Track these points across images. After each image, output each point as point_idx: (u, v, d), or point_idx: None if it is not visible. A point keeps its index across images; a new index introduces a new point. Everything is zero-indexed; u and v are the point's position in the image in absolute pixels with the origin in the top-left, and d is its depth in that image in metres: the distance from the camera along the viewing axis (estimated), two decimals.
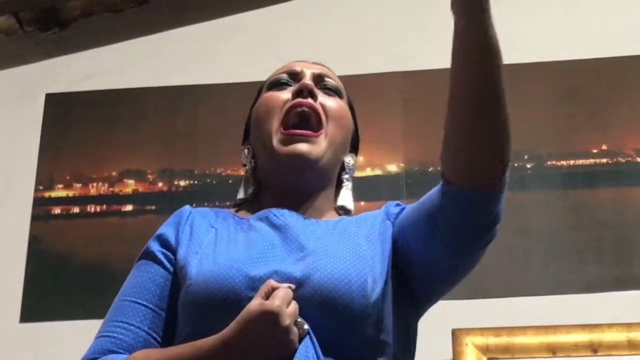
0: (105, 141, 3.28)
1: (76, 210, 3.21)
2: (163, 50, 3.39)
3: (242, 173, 1.63)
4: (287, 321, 1.26)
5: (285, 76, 1.61)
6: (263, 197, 1.57)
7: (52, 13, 3.44)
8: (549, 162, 3.06)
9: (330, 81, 1.62)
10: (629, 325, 2.71)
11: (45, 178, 3.24)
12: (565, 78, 3.16)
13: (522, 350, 2.71)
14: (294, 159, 1.50)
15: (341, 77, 1.63)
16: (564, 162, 3.06)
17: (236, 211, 1.58)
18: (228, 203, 1.66)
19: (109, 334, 1.43)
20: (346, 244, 1.42)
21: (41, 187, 3.22)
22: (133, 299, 1.46)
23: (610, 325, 2.71)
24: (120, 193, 3.21)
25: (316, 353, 1.29)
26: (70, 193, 3.22)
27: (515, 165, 3.05)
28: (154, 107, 3.31)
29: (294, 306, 1.29)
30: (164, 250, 1.49)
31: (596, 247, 2.92)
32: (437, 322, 1.58)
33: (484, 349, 2.71)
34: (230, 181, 3.10)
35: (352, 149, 1.64)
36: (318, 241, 1.43)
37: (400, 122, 3.14)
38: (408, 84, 3.19)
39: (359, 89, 3.20)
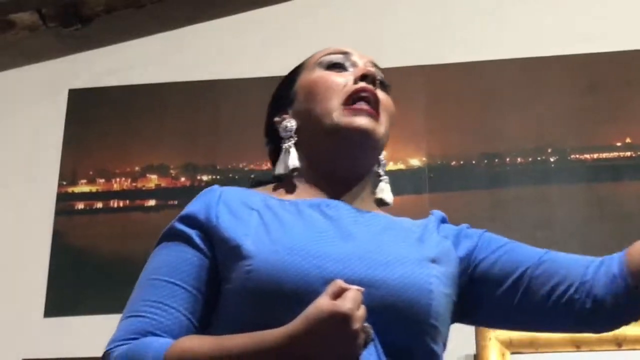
0: (128, 136, 3.29)
1: (99, 205, 3.22)
2: (185, 46, 3.40)
3: (264, 167, 1.61)
4: (357, 325, 1.20)
5: (340, 57, 1.57)
6: (304, 177, 1.50)
7: (74, 9, 3.44)
8: (572, 156, 3.04)
9: (381, 74, 1.59)
10: None
11: (68, 173, 3.25)
12: (588, 71, 3.14)
13: (546, 345, 2.70)
14: (357, 132, 1.46)
15: None
16: (587, 156, 3.04)
17: (273, 190, 1.50)
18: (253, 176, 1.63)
19: (142, 313, 1.33)
20: (406, 246, 1.40)
21: (64, 183, 3.23)
22: (166, 279, 1.35)
23: None
24: (143, 188, 3.22)
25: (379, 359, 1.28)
26: (94, 188, 3.23)
27: (539, 159, 3.04)
28: (177, 102, 3.32)
29: (363, 310, 1.22)
30: (196, 231, 1.38)
31: (620, 241, 2.87)
32: None
33: (508, 344, 2.70)
34: (252, 176, 3.09)
35: None
36: (377, 239, 1.39)
37: (422, 116, 3.13)
38: (430, 78, 3.18)
39: None
